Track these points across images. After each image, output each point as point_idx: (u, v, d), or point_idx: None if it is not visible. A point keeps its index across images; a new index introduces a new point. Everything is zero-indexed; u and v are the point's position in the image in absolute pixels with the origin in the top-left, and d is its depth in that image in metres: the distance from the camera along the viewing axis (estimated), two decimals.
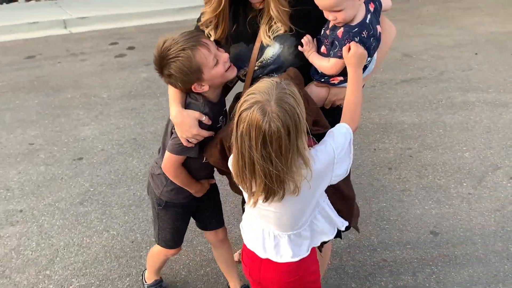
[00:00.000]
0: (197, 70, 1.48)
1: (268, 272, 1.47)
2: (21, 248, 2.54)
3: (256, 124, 1.16)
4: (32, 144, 3.65)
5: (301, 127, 1.20)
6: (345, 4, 1.41)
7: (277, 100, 1.17)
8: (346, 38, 1.46)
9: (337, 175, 1.37)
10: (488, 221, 2.72)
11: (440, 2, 9.23)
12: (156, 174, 1.80)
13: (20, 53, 5.98)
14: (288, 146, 1.18)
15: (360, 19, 1.47)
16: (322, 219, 1.48)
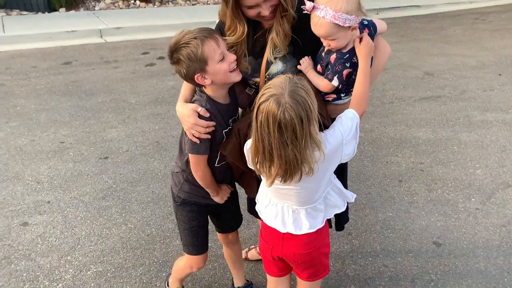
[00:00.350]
0: (203, 59, 1.58)
1: (290, 246, 1.63)
2: (46, 235, 2.75)
3: (273, 114, 1.33)
4: (62, 143, 3.91)
5: (312, 116, 1.37)
6: (338, 34, 1.58)
7: (290, 93, 1.34)
8: (338, 64, 1.65)
9: (346, 154, 1.55)
10: (492, 235, 2.77)
11: (468, 23, 9.24)
12: (175, 172, 1.93)
13: (57, 59, 6.34)
14: (301, 132, 1.35)
15: (351, 46, 1.63)
16: (335, 194, 1.66)
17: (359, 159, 3.67)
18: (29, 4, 9.03)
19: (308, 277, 1.70)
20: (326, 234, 1.70)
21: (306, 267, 1.67)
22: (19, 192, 3.18)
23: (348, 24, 1.55)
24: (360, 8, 1.58)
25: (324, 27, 1.56)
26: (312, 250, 1.63)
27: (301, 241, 1.61)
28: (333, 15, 1.53)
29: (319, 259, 1.67)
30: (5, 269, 2.47)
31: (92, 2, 9.86)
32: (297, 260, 1.65)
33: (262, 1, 1.60)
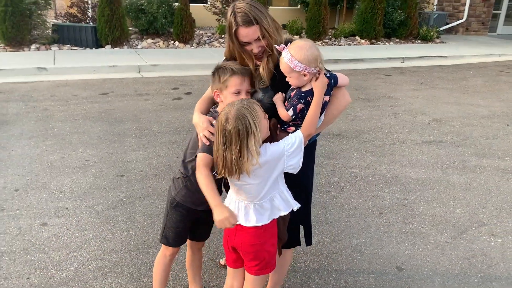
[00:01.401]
0: (224, 84, 2.07)
1: (240, 236, 2.00)
2: (60, 234, 3.22)
3: (221, 123, 1.82)
4: (87, 161, 4.45)
5: (251, 131, 1.79)
6: (291, 74, 2.01)
7: (236, 111, 1.80)
8: (295, 98, 2.05)
9: (290, 165, 1.94)
10: (454, 266, 3.00)
11: (492, 75, 9.44)
12: (177, 178, 2.29)
13: (97, 90, 7.07)
14: (237, 141, 1.79)
15: (308, 88, 2.04)
16: (280, 199, 2.02)
17: (348, 192, 3.99)
18: (79, 41, 10.03)
19: (252, 269, 2.04)
20: (272, 234, 2.05)
21: (251, 258, 2.02)
22: (44, 198, 3.70)
23: (297, 69, 1.97)
24: (317, 62, 1.99)
25: (282, 65, 2.01)
26: (257, 243, 1.98)
27: (249, 234, 1.98)
28: (288, 59, 1.97)
29: (263, 254, 2.01)
30: (22, 258, 2.94)
31: (136, 41, 10.80)
32: (244, 250, 2.01)
33: (254, 41, 2.04)
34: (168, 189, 2.39)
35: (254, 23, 1.98)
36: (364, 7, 12.31)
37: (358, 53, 11.06)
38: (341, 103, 2.17)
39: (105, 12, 9.72)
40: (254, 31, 2.00)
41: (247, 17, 1.98)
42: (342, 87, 2.17)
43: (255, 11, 1.99)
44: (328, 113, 2.14)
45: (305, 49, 1.96)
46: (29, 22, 9.53)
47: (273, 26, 2.06)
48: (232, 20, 2.01)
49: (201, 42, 11.43)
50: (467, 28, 16.03)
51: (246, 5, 2.00)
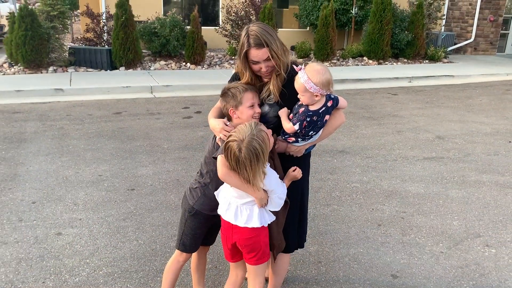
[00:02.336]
0: (239, 100, 2.28)
1: (237, 233, 2.21)
2: (73, 243, 3.42)
3: (233, 153, 2.03)
4: (100, 176, 4.68)
5: (260, 158, 2.03)
6: (305, 93, 2.24)
7: (247, 143, 2.01)
8: (302, 115, 2.27)
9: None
10: (447, 274, 3.12)
11: (498, 94, 9.56)
12: (194, 187, 2.45)
13: (110, 109, 7.37)
14: (250, 169, 2.03)
15: (316, 108, 2.28)
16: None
17: (348, 205, 4.14)
18: (94, 63, 10.43)
19: (251, 260, 2.24)
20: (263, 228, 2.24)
21: (248, 250, 2.22)
22: (59, 210, 3.92)
23: (312, 91, 2.20)
24: (329, 86, 2.23)
25: (298, 84, 2.24)
26: (252, 236, 2.19)
27: (244, 230, 2.19)
28: (305, 79, 2.19)
29: (259, 245, 2.21)
30: (39, 264, 3.14)
31: (149, 63, 11.17)
32: (242, 244, 2.21)
33: (263, 61, 2.26)
34: (182, 199, 2.57)
35: (264, 45, 2.21)
36: (371, 29, 12.57)
37: (365, 73, 11.27)
38: (337, 121, 2.42)
39: (119, 36, 10.12)
40: (263, 53, 2.22)
41: (259, 40, 2.21)
42: (339, 110, 2.40)
43: (266, 35, 2.22)
44: (325, 129, 2.38)
45: (321, 74, 2.19)
46: (47, 46, 9.96)
47: (281, 48, 2.28)
48: (245, 41, 2.25)
49: (212, 63, 11.77)
50: (475, 48, 16.19)
51: (259, 29, 2.24)
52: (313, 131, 2.32)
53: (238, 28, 11.97)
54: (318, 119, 2.27)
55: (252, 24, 2.29)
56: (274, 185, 2.16)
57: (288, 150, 2.41)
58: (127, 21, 10.08)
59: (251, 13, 12.17)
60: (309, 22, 14.02)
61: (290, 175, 2.32)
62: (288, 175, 2.31)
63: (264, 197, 2.14)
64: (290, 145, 2.39)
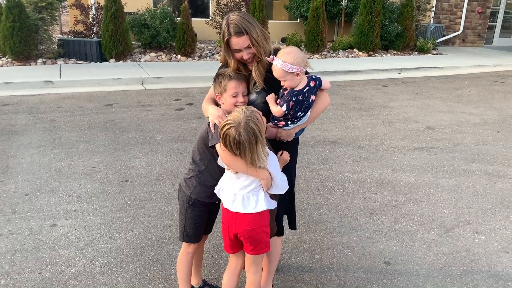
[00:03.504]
0: (223, 87, 2.33)
1: (239, 224, 2.23)
2: (69, 234, 3.43)
3: (233, 138, 2.05)
4: (93, 167, 4.67)
5: (258, 138, 2.06)
6: (287, 77, 2.27)
7: (244, 125, 2.03)
8: (287, 96, 2.31)
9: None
10: (439, 260, 3.19)
11: (486, 85, 9.68)
12: (188, 177, 2.45)
13: (101, 101, 7.33)
14: (250, 150, 2.06)
15: (300, 88, 2.31)
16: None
17: (341, 194, 4.19)
18: (84, 55, 10.34)
19: (252, 251, 2.28)
20: (266, 217, 2.27)
21: (251, 241, 2.24)
22: (53, 202, 3.92)
23: (291, 71, 2.23)
24: (304, 62, 2.27)
25: (277, 71, 2.27)
26: (254, 227, 2.22)
27: (247, 220, 2.21)
28: (281, 64, 2.23)
29: (261, 235, 2.24)
30: (34, 255, 3.14)
31: (139, 55, 11.10)
32: (244, 235, 2.23)
33: (244, 48, 2.30)
34: (178, 192, 2.57)
35: (244, 33, 2.25)
36: (361, 21, 12.61)
37: (355, 64, 11.33)
38: (323, 103, 2.47)
39: (109, 27, 10.03)
40: (244, 40, 2.27)
41: (238, 28, 2.25)
42: (323, 91, 2.44)
43: (245, 23, 2.26)
44: (312, 111, 2.42)
45: (293, 53, 2.25)
46: (36, 37, 9.84)
47: (262, 35, 2.32)
48: (225, 29, 2.29)
49: (203, 55, 11.73)
50: (464, 39, 16.32)
51: (237, 17, 2.28)
52: (301, 112, 2.34)
53: None
54: (304, 99, 2.30)
55: (232, 13, 2.33)
56: (276, 167, 2.20)
57: (278, 135, 2.44)
58: (116, 13, 9.99)
59: (241, 4, 12.14)
60: (299, 14, 14.02)
61: (281, 160, 2.34)
62: (279, 161, 2.33)
63: (270, 178, 2.18)
64: (281, 129, 2.42)
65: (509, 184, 4.51)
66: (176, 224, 3.59)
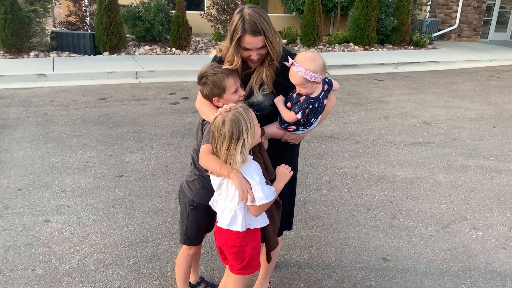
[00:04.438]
0: (223, 88, 2.17)
1: (223, 237, 2.13)
2: (62, 230, 3.37)
3: (217, 126, 1.94)
4: (87, 162, 4.61)
5: (242, 136, 1.91)
6: (306, 84, 2.19)
7: (232, 115, 1.93)
8: (304, 103, 2.23)
9: None
10: (436, 256, 3.17)
11: (482, 79, 9.67)
12: (191, 180, 2.35)
13: (95, 95, 7.24)
14: (228, 145, 1.92)
15: (316, 95, 2.25)
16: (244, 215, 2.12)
17: (338, 190, 4.16)
18: (77, 48, 10.22)
19: (233, 268, 2.17)
20: (254, 238, 2.13)
21: (232, 258, 2.14)
22: (46, 197, 3.86)
23: (314, 80, 2.16)
24: (325, 69, 2.20)
25: (297, 78, 2.17)
26: (237, 245, 2.10)
27: (230, 236, 2.10)
28: (303, 72, 2.14)
29: (243, 255, 2.12)
30: (27, 252, 3.09)
31: (133, 48, 10.99)
32: (226, 250, 2.15)
33: (255, 48, 2.16)
34: (179, 192, 2.49)
35: (261, 33, 2.10)
36: (357, 14, 12.55)
37: (351, 59, 11.28)
38: (331, 104, 2.41)
39: (103, 20, 9.91)
40: (259, 41, 2.11)
41: (256, 27, 2.08)
42: (332, 91, 2.39)
43: (262, 21, 2.10)
44: (322, 114, 2.37)
45: (316, 60, 2.15)
46: (28, 30, 9.71)
47: (276, 36, 2.19)
48: (239, 25, 2.10)
49: (198, 48, 11.63)
50: (459, 34, 16.31)
51: (255, 13, 2.10)
52: (315, 118, 2.30)
53: (224, 13, 11.85)
54: (319, 105, 2.26)
55: (247, 7, 2.14)
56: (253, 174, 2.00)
57: (286, 138, 2.39)
58: (110, 5, 9.87)
59: None
60: (295, 7, 13.94)
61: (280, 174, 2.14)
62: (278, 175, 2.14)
63: (243, 181, 1.96)
64: (289, 133, 2.37)
65: (506, 179, 4.50)
66: (172, 220, 3.55)
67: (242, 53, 2.20)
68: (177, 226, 3.44)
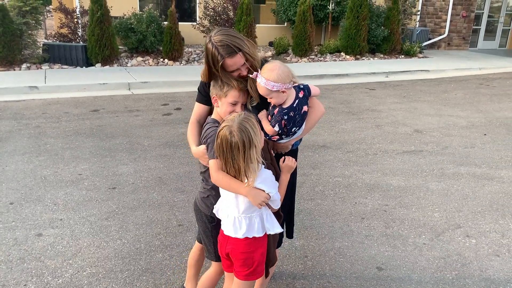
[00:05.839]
0: (226, 93, 2.20)
1: (231, 244, 2.13)
2: (55, 244, 3.34)
3: (225, 138, 1.94)
4: (80, 175, 4.58)
5: (253, 142, 1.94)
6: (272, 94, 2.20)
7: (238, 124, 1.94)
8: (278, 115, 2.24)
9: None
10: (430, 265, 3.18)
11: (472, 87, 9.77)
12: (206, 197, 2.31)
13: (88, 107, 7.22)
14: (244, 153, 1.94)
15: (289, 104, 2.25)
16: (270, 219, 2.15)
17: (331, 199, 4.17)
18: (69, 59, 10.21)
19: (239, 274, 2.16)
20: (262, 244, 2.15)
21: (240, 264, 2.14)
22: (39, 210, 3.83)
23: (275, 89, 2.15)
24: (290, 77, 2.19)
25: (261, 89, 2.19)
26: (246, 251, 2.11)
27: (239, 242, 2.11)
28: (264, 82, 2.15)
29: (251, 261, 2.13)
30: (19, 266, 3.06)
31: (126, 59, 11.00)
32: (234, 256, 2.14)
33: (241, 65, 2.19)
34: (194, 209, 2.46)
35: (237, 51, 2.14)
36: (348, 24, 12.67)
37: (343, 68, 11.36)
38: (317, 113, 2.40)
39: (95, 32, 9.92)
40: (239, 59, 2.16)
41: (230, 49, 2.13)
42: (315, 99, 2.39)
43: (233, 40, 2.14)
44: (307, 122, 2.36)
45: (276, 70, 2.15)
46: (20, 42, 9.69)
47: (252, 46, 2.23)
48: (215, 53, 2.14)
49: (190, 59, 11.67)
50: (449, 43, 16.50)
51: (224, 36, 2.14)
52: (295, 127, 2.28)
53: (216, 24, 11.91)
54: (296, 114, 2.23)
55: (213, 34, 2.18)
56: (272, 183, 2.07)
57: (275, 148, 2.41)
58: (102, 17, 9.89)
59: (229, 8, 12.12)
60: (286, 18, 14.04)
61: (285, 167, 2.19)
62: (283, 168, 2.19)
63: (258, 193, 2.01)
64: (276, 143, 2.38)
65: (498, 187, 4.54)
66: (165, 232, 3.53)
67: (234, 75, 2.23)
68: (171, 238, 3.44)
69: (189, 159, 5.03)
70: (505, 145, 5.80)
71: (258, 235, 2.12)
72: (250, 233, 2.10)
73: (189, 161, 4.99)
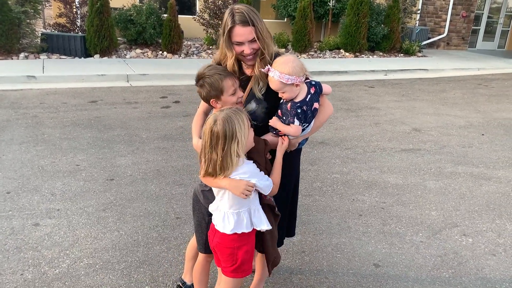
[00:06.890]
0: (220, 90, 2.12)
1: (217, 238, 2.12)
2: (52, 234, 3.33)
3: (209, 125, 1.94)
4: (78, 165, 4.57)
5: (236, 136, 1.90)
6: (285, 89, 2.15)
7: (224, 114, 1.93)
8: (292, 110, 2.19)
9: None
10: (427, 262, 3.19)
11: (471, 88, 9.79)
12: (207, 190, 2.27)
13: (86, 98, 7.18)
14: (223, 144, 1.91)
15: (301, 98, 2.21)
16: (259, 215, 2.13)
17: (329, 195, 4.17)
18: (68, 50, 10.14)
19: (224, 270, 2.16)
20: (248, 242, 2.13)
21: (224, 259, 2.13)
22: (36, 200, 3.81)
23: (290, 82, 2.12)
24: (303, 70, 2.16)
25: (274, 83, 2.15)
26: (230, 246, 2.09)
27: (224, 237, 2.09)
28: (279, 75, 2.11)
29: (235, 257, 2.11)
30: (16, 256, 3.04)
31: (124, 51, 10.94)
32: (218, 251, 2.14)
33: (247, 42, 2.14)
34: (193, 202, 2.44)
35: (250, 24, 2.10)
36: (348, 21, 12.65)
37: (342, 65, 11.36)
38: (326, 112, 2.36)
39: (94, 22, 9.86)
40: (249, 32, 2.11)
41: (245, 18, 2.09)
42: (326, 98, 2.36)
43: (252, 14, 2.11)
44: (316, 121, 2.31)
45: (290, 62, 2.12)
46: (18, 31, 9.62)
47: (267, 31, 2.19)
48: (229, 19, 2.11)
49: (189, 52, 11.62)
50: (448, 43, 16.51)
51: (244, 7, 2.13)
52: (306, 123, 2.25)
53: (216, 17, 11.85)
54: (307, 109, 2.20)
55: (237, 4, 2.16)
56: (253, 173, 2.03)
57: None
58: (102, 8, 9.82)
59: (229, 2, 12.06)
60: (286, 13, 14.00)
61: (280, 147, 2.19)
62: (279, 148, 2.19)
63: (238, 182, 1.98)
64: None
65: (494, 186, 4.55)
66: (163, 225, 3.52)
67: (235, 48, 2.17)
68: (169, 231, 3.44)
69: (187, 153, 5.02)
70: (502, 146, 5.82)
71: (248, 231, 2.10)
72: (239, 229, 2.08)
73: (188, 154, 4.98)
